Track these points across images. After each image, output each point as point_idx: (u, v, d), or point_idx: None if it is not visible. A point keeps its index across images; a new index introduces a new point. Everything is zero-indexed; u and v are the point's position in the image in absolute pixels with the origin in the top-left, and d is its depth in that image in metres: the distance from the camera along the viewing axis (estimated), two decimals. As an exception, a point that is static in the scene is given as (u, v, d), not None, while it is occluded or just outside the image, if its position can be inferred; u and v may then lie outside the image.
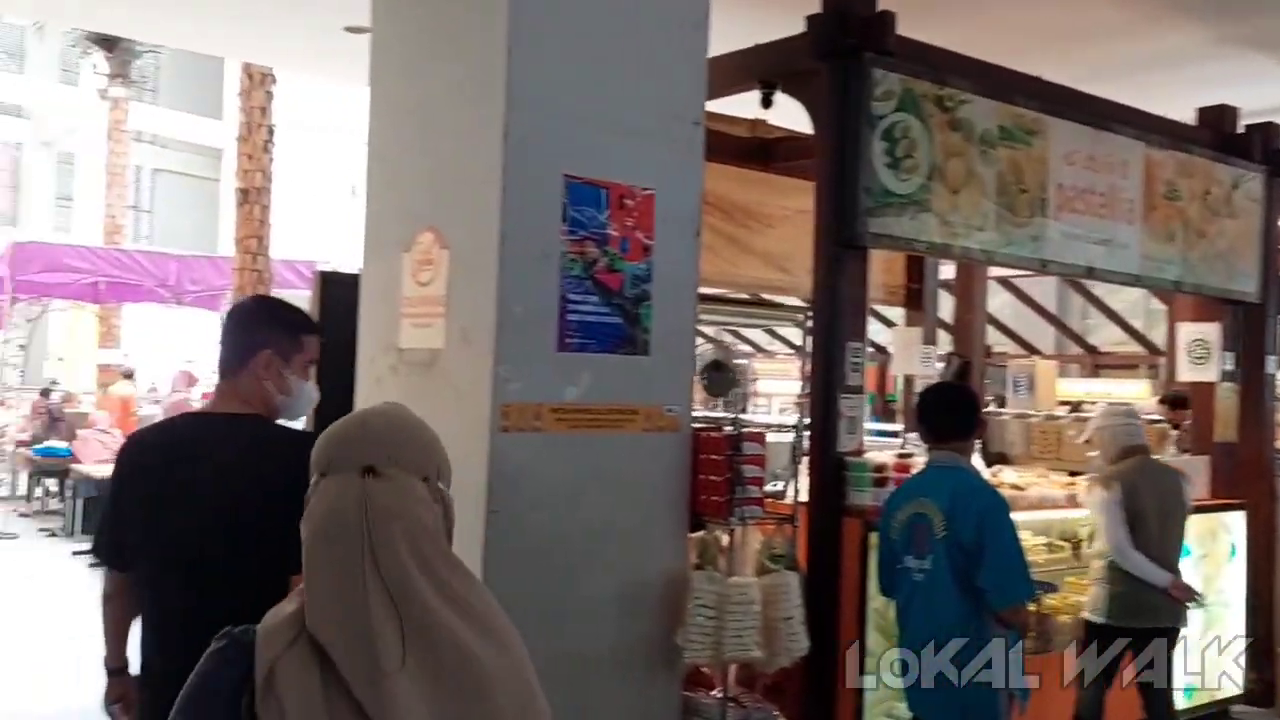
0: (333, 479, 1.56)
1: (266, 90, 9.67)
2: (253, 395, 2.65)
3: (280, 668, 1.41)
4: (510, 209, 3.44)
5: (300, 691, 1.39)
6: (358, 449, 1.59)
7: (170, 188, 35.85)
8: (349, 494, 1.52)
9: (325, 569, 1.48)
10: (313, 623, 1.44)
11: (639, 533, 3.70)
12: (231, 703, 1.43)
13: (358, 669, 1.41)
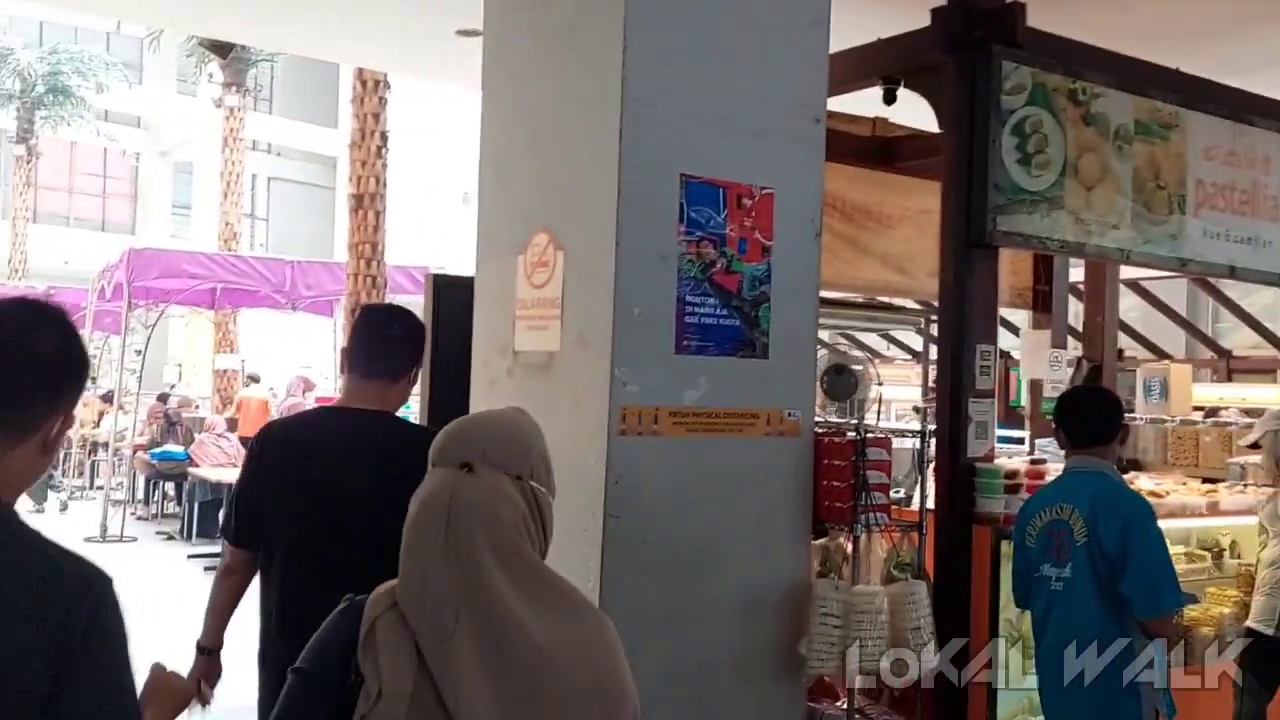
0: (437, 471, 1.79)
1: (380, 97, 9.78)
2: (400, 403, 2.90)
3: (379, 625, 1.68)
4: (626, 210, 3.38)
5: (390, 645, 1.66)
6: (460, 446, 1.81)
7: (286, 196, 36.80)
8: (445, 486, 1.75)
9: (412, 548, 1.72)
10: (399, 595, 1.70)
11: (760, 539, 3.60)
12: (343, 651, 1.70)
13: (426, 633, 1.66)
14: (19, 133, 24.33)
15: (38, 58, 24.32)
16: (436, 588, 1.67)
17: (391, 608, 1.70)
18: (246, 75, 18.24)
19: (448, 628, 1.66)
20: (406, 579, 1.70)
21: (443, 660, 1.64)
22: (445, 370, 4.26)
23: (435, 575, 1.67)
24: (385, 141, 9.95)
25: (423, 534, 1.71)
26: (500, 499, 1.76)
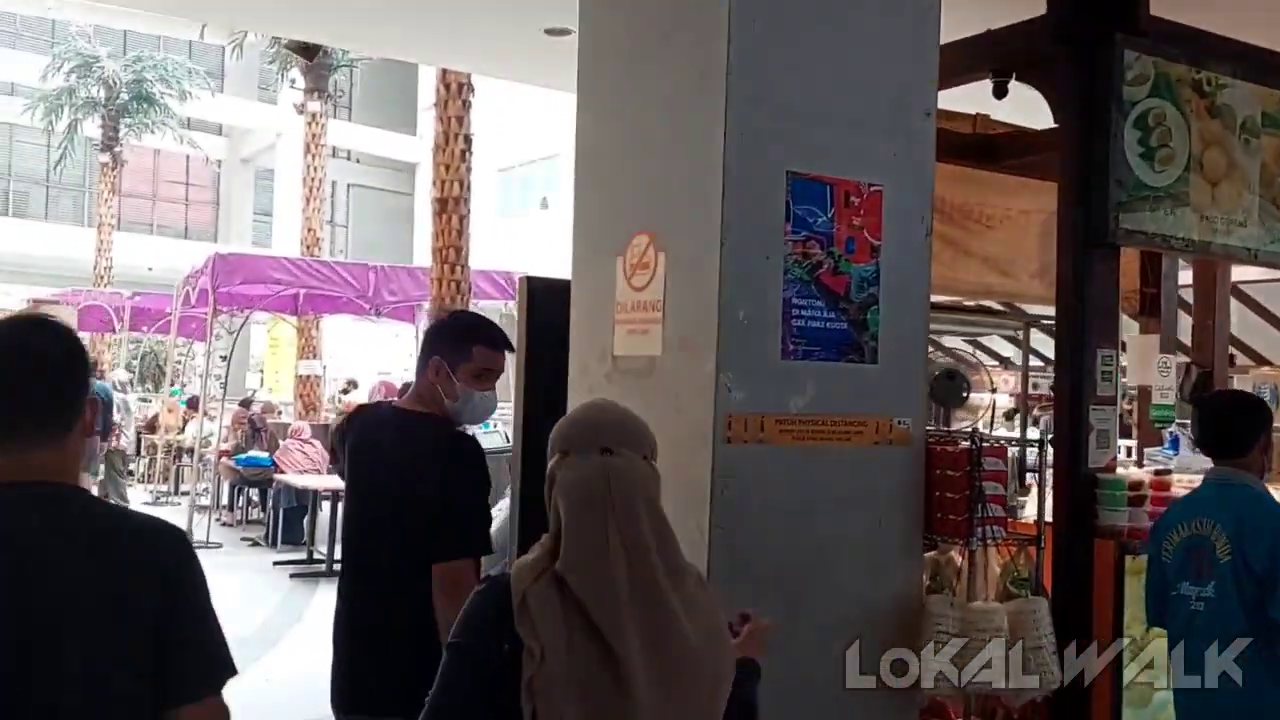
0: (575, 456, 1.98)
1: (463, 100, 9.74)
2: (429, 397, 2.97)
3: (530, 596, 1.85)
4: (732, 209, 3.25)
5: (546, 612, 1.83)
6: (595, 432, 2.03)
7: (365, 203, 37.24)
8: (598, 469, 1.95)
9: (579, 527, 1.90)
10: (564, 566, 1.87)
11: (869, 553, 3.45)
12: (496, 623, 1.86)
13: (599, 601, 1.85)
14: (104, 140, 24.81)
15: (122, 66, 24.77)
16: (613, 559, 1.88)
17: (537, 579, 1.88)
18: (328, 81, 18.38)
19: (620, 597, 1.87)
20: (575, 556, 1.88)
21: (617, 626, 1.85)
22: (540, 375, 4.16)
23: (610, 549, 1.88)
24: (469, 145, 9.90)
25: (587, 517, 1.91)
26: (644, 477, 2.03)
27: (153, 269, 26.86)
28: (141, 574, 1.73)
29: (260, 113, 35.10)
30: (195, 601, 1.78)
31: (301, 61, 18.07)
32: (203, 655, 1.78)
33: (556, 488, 1.98)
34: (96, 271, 24.59)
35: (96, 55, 24.56)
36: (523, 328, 4.22)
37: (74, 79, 24.55)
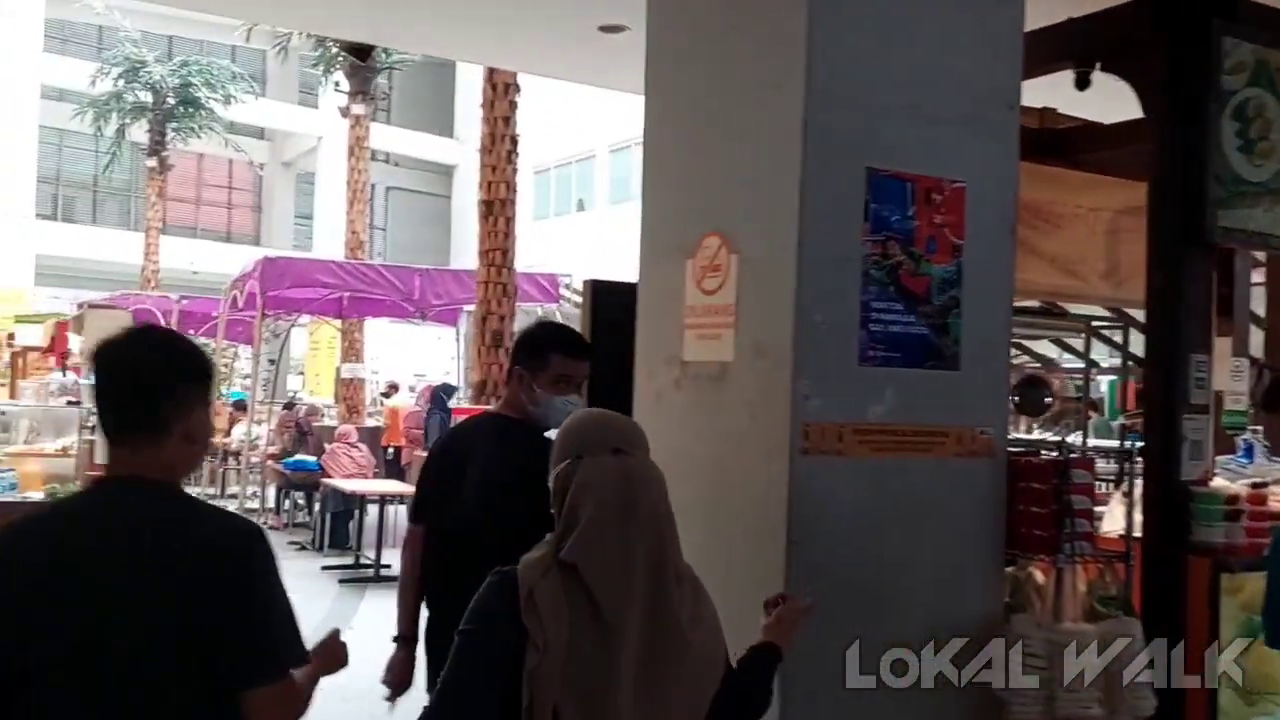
0: (590, 459, 2.10)
1: (510, 100, 9.63)
2: (514, 403, 3.12)
3: (538, 591, 1.96)
4: (809, 207, 3.10)
5: (552, 606, 1.95)
6: (605, 435, 2.17)
7: (403, 206, 37.35)
8: (617, 468, 2.09)
9: (604, 521, 2.02)
10: (578, 556, 1.99)
11: (949, 569, 3.29)
12: (504, 614, 1.97)
13: (611, 594, 1.98)
14: (151, 145, 24.98)
15: (169, 70, 24.94)
16: (634, 553, 2.02)
17: (545, 574, 2.00)
18: (372, 84, 18.38)
19: (635, 589, 2.01)
20: (601, 545, 2.01)
21: (621, 615, 1.99)
22: (605, 381, 4.02)
23: (632, 543, 2.03)
24: (515, 146, 9.79)
25: (616, 508, 2.05)
26: (658, 476, 2.19)
27: (197, 272, 27.05)
28: (217, 560, 1.93)
29: (301, 117, 35.31)
30: (261, 591, 1.96)
31: (346, 64, 18.08)
32: (267, 641, 1.94)
33: (575, 487, 2.08)
34: (144, 275, 24.77)
35: (144, 60, 24.72)
36: (585, 331, 4.08)
37: (122, 84, 24.72)
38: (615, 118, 26.80)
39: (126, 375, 2.01)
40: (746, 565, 3.16)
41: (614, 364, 4.02)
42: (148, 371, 2.00)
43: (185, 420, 2.00)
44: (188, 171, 35.24)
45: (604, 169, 28.38)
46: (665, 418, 3.59)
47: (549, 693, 1.93)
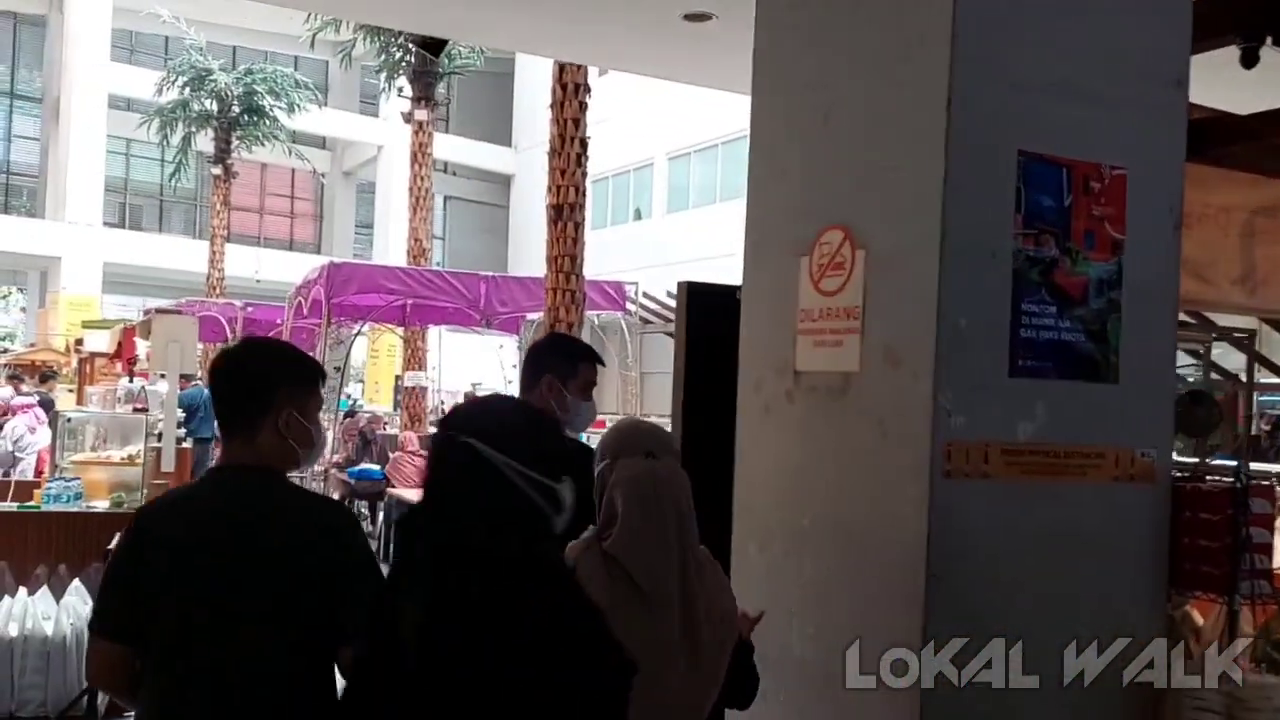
0: (626, 460, 2.37)
1: (580, 102, 9.26)
2: (544, 409, 3.01)
3: (580, 564, 2.25)
4: (954, 194, 2.72)
5: (594, 576, 2.22)
6: (640, 440, 2.44)
7: (461, 215, 37.34)
8: (651, 470, 2.36)
9: (640, 515, 2.32)
10: (618, 547, 2.31)
11: (1106, 610, 2.87)
12: None
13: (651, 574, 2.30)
14: (216, 153, 25.04)
15: (234, 79, 24.98)
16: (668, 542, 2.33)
17: (585, 550, 2.32)
18: (434, 89, 18.20)
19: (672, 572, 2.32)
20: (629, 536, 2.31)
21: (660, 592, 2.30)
22: (701, 392, 3.67)
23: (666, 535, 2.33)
24: (585, 149, 9.45)
25: (648, 504, 2.34)
26: (683, 478, 2.44)
27: (260, 280, 27.11)
28: (313, 535, 2.27)
29: (363, 126, 35.43)
30: (357, 560, 2.28)
31: (410, 70, 17.91)
32: (360, 603, 2.10)
33: (613, 485, 2.37)
34: (209, 282, 24.82)
35: (210, 68, 24.79)
36: (681, 339, 3.72)
37: (188, 92, 24.81)
38: (673, 126, 26.64)
39: (228, 381, 2.41)
40: (880, 601, 2.78)
41: (712, 373, 3.66)
42: (244, 377, 2.40)
43: (276, 419, 2.31)
44: (251, 181, 35.49)
45: (662, 177, 28.08)
46: (775, 433, 3.22)
47: None
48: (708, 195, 26.17)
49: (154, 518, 2.40)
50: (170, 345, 7.32)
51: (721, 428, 3.45)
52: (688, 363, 3.69)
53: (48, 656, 4.62)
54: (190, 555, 2.24)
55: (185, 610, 2.22)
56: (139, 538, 2.33)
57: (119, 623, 2.27)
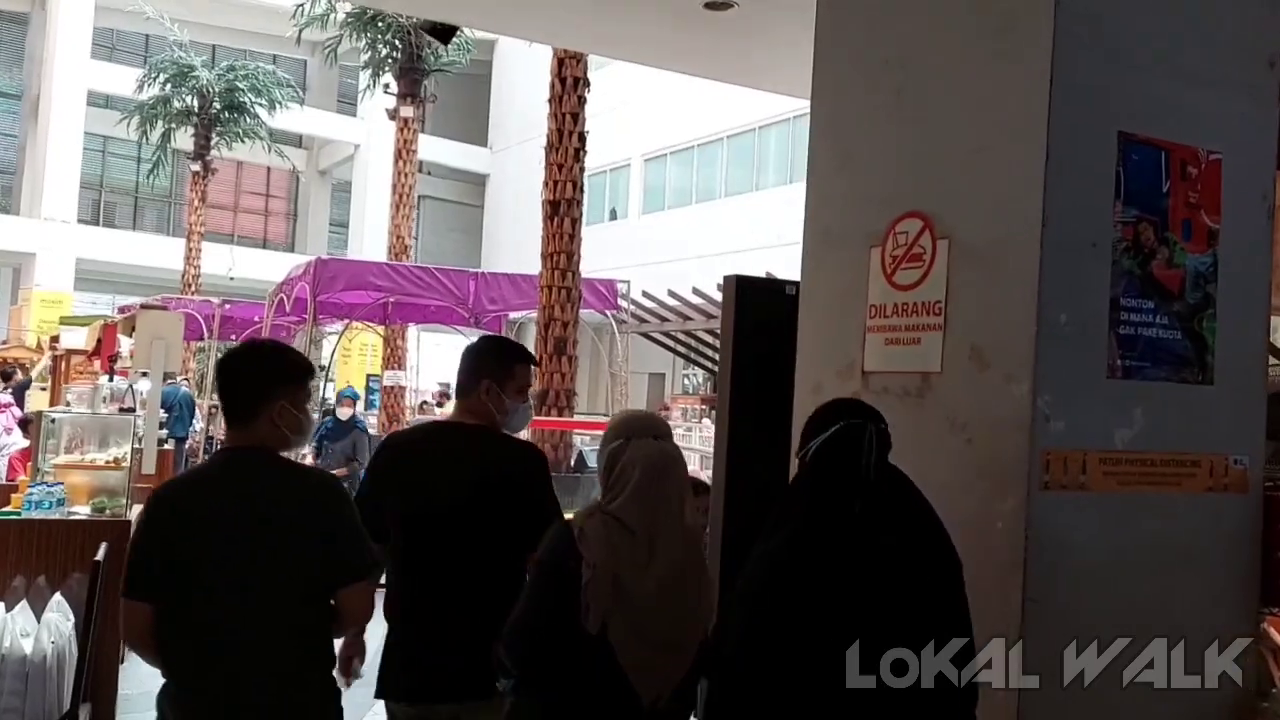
0: (638, 441, 2.75)
1: (579, 96, 8.98)
2: (481, 412, 3.20)
3: (587, 527, 2.66)
4: (1056, 181, 2.51)
5: (599, 536, 2.63)
6: (646, 424, 2.86)
7: (436, 214, 36.95)
8: (657, 448, 2.76)
9: (653, 483, 2.68)
10: (621, 507, 2.67)
11: (1198, 627, 2.64)
12: (565, 547, 2.65)
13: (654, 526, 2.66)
14: (196, 150, 24.51)
15: (216, 75, 24.46)
16: (670, 505, 2.69)
17: (590, 516, 2.68)
18: (421, 86, 17.84)
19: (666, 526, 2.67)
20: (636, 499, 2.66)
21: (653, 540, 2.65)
22: (750, 394, 3.43)
23: (670, 500, 2.70)
24: (584, 143, 9.17)
25: (662, 476, 2.70)
26: (680, 454, 2.85)
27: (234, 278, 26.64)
28: (312, 502, 2.64)
29: (340, 125, 35.01)
30: (348, 521, 2.66)
31: (396, 66, 17.55)
32: (356, 555, 2.65)
33: (627, 459, 2.70)
34: (185, 279, 24.31)
35: (192, 64, 24.26)
36: (728, 336, 3.48)
37: (169, 89, 24.29)
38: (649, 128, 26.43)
39: (233, 377, 2.79)
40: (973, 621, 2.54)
41: (763, 374, 3.42)
42: (246, 375, 2.77)
43: (271, 410, 2.67)
44: (226, 178, 34.94)
45: (638, 178, 27.86)
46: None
47: (599, 599, 2.58)
48: (683, 197, 26.01)
49: (172, 492, 2.81)
50: (155, 342, 7.01)
51: (772, 434, 3.22)
52: (734, 363, 3.45)
53: (26, 677, 4.28)
54: (208, 523, 2.58)
55: (206, 571, 2.55)
56: (159, 510, 2.66)
57: (148, 585, 2.57)
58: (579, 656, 2.59)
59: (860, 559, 2.20)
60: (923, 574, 2.23)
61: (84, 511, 5.54)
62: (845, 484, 2.25)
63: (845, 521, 2.22)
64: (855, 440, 2.28)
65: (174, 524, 2.60)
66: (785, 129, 22.70)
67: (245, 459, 2.68)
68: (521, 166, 30.98)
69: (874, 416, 2.33)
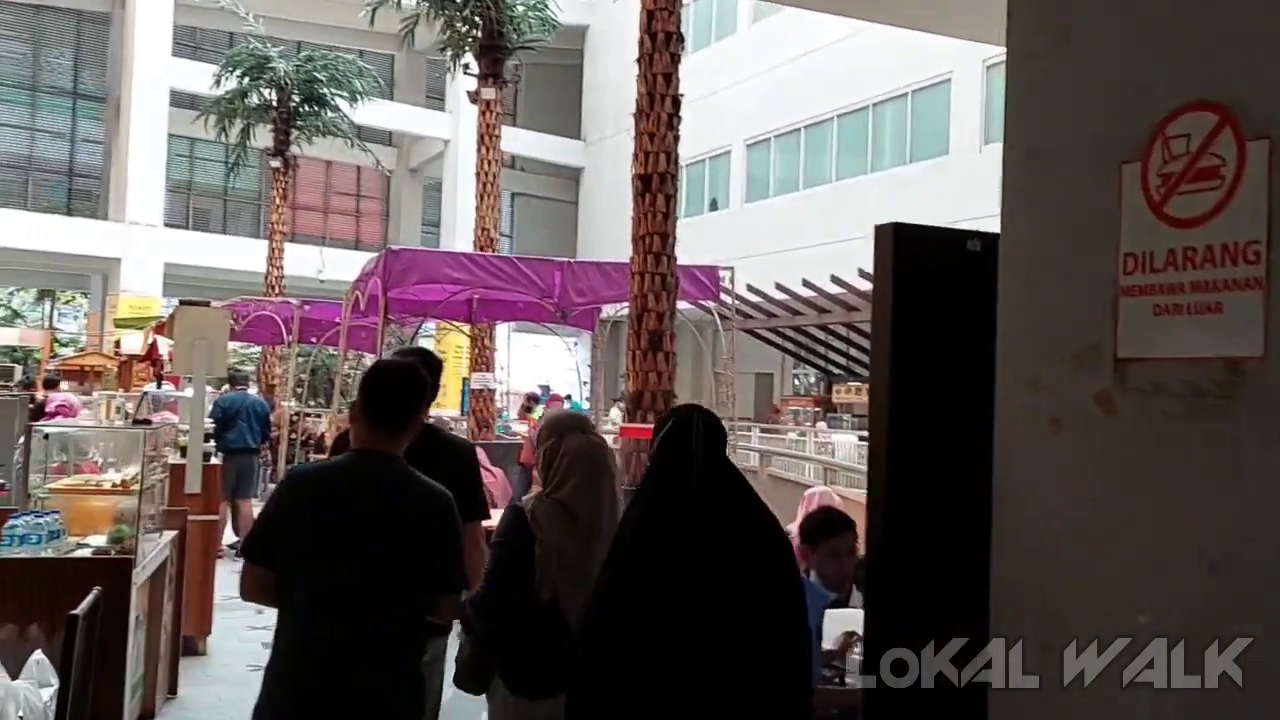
0: (569, 436, 3.30)
1: (671, 53, 7.89)
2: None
3: (537, 509, 3.21)
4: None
5: (549, 517, 3.18)
6: (575, 422, 3.48)
7: (528, 212, 36.34)
8: (585, 440, 3.30)
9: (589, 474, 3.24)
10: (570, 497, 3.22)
11: None
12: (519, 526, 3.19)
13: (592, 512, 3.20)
14: (275, 145, 24.00)
15: (293, 66, 23.90)
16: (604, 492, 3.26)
17: (540, 501, 3.24)
18: (503, 66, 16.93)
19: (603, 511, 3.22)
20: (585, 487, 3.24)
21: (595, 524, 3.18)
22: (916, 388, 2.42)
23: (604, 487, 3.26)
24: (678, 108, 8.12)
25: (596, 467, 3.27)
26: (608, 445, 3.48)
27: (324, 280, 26.24)
28: (428, 510, 3.04)
29: (429, 120, 34.59)
30: (454, 532, 3.07)
31: (476, 45, 16.64)
32: (456, 566, 3.08)
33: (566, 453, 3.27)
34: (268, 281, 23.85)
35: (269, 55, 23.76)
36: (885, 302, 2.45)
37: (246, 82, 23.83)
38: (750, 112, 25.36)
39: (390, 391, 3.18)
40: None
41: (933, 359, 2.41)
42: (405, 389, 3.22)
43: (415, 423, 3.20)
44: (316, 179, 34.78)
45: (739, 165, 26.83)
46: (1076, 463, 1.95)
47: (549, 571, 3.15)
48: (789, 184, 24.91)
49: (305, 478, 3.27)
50: (197, 343, 6.22)
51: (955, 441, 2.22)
52: (894, 346, 2.42)
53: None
54: (333, 513, 2.95)
55: (325, 550, 2.92)
56: (291, 489, 3.09)
57: (267, 552, 2.97)
58: (534, 619, 3.11)
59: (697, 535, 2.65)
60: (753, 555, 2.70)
61: (100, 542, 4.73)
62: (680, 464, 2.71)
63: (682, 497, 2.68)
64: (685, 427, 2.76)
65: (303, 506, 3.00)
66: (901, 106, 21.48)
67: (379, 463, 3.06)
68: (617, 156, 30.13)
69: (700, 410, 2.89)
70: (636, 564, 2.66)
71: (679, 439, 2.73)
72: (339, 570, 2.91)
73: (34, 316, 38.91)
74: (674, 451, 2.72)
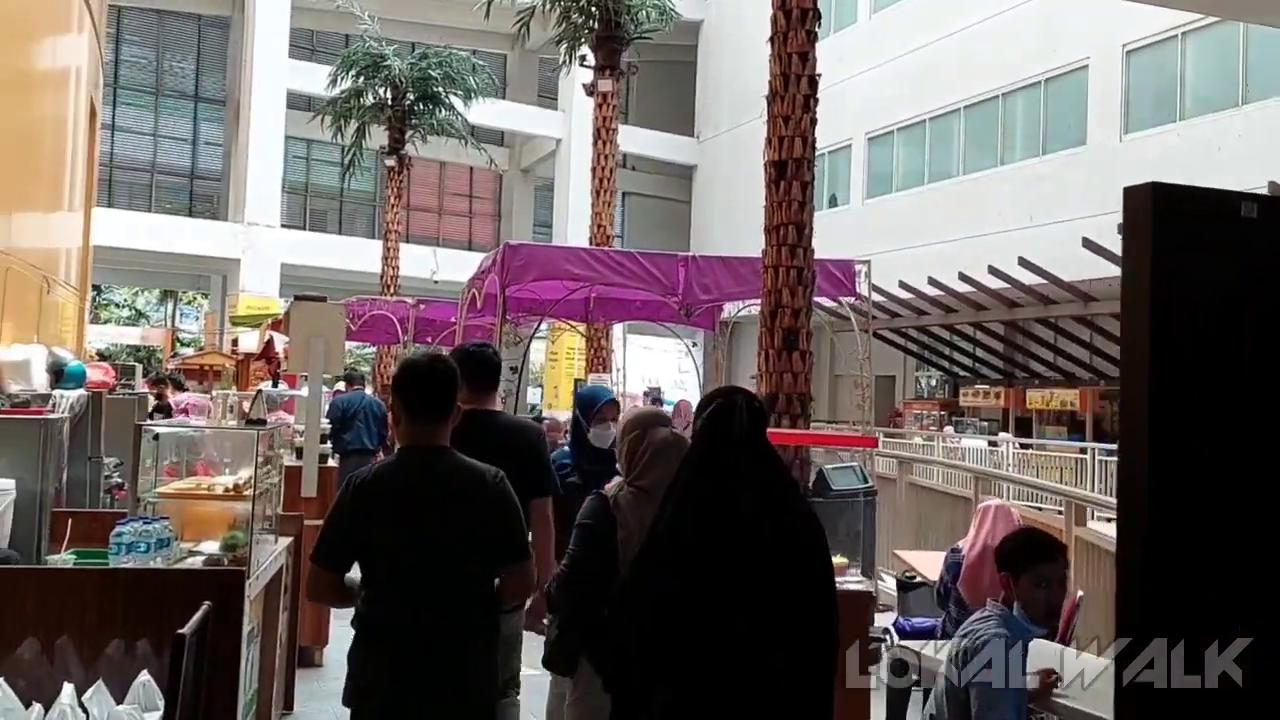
0: (653, 429, 3.55)
1: (808, 30, 7.39)
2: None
3: (620, 497, 3.44)
4: None
5: (630, 504, 3.41)
6: (658, 418, 3.69)
7: (640, 211, 36.04)
8: (669, 434, 3.54)
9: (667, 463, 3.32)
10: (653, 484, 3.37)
11: None
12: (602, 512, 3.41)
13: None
14: (390, 144, 24.04)
15: (408, 64, 23.90)
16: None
17: (621, 490, 3.48)
18: (619, 57, 16.57)
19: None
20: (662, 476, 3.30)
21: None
22: (1181, 384, 1.93)
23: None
24: (814, 89, 7.60)
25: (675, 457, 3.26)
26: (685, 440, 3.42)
27: (438, 281, 26.24)
28: (488, 494, 3.29)
29: (541, 118, 34.52)
30: (510, 507, 3.32)
31: (593, 37, 16.33)
32: (520, 539, 3.37)
33: (650, 445, 3.50)
34: (383, 281, 23.91)
35: (384, 54, 23.79)
36: (1141, 284, 1.97)
37: (361, 81, 23.93)
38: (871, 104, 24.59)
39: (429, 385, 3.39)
40: None
41: (1203, 351, 1.92)
42: (438, 381, 3.41)
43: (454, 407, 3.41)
44: (429, 180, 34.97)
45: (860, 159, 26.09)
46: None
47: (629, 550, 3.22)
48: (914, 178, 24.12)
49: (369, 480, 3.32)
50: (313, 340, 5.96)
51: (1232, 449, 1.74)
52: (1154, 333, 1.93)
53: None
54: (398, 510, 3.23)
55: (399, 541, 3.21)
56: (358, 493, 3.27)
57: (335, 557, 3.27)
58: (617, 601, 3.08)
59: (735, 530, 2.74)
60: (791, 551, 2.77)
61: (213, 549, 4.44)
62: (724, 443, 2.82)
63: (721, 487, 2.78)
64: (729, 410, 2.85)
65: (370, 504, 3.23)
66: (1034, 94, 20.57)
67: (429, 457, 3.31)
68: (732, 153, 29.59)
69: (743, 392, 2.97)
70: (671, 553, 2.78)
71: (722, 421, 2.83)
72: (411, 561, 3.18)
73: (157, 317, 40.03)
74: (716, 433, 2.82)
